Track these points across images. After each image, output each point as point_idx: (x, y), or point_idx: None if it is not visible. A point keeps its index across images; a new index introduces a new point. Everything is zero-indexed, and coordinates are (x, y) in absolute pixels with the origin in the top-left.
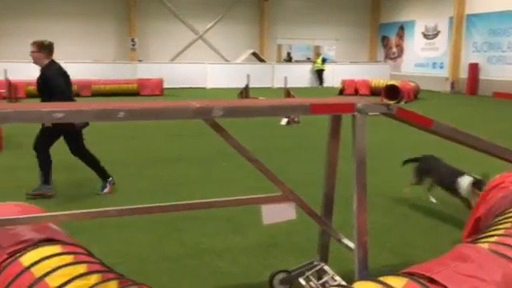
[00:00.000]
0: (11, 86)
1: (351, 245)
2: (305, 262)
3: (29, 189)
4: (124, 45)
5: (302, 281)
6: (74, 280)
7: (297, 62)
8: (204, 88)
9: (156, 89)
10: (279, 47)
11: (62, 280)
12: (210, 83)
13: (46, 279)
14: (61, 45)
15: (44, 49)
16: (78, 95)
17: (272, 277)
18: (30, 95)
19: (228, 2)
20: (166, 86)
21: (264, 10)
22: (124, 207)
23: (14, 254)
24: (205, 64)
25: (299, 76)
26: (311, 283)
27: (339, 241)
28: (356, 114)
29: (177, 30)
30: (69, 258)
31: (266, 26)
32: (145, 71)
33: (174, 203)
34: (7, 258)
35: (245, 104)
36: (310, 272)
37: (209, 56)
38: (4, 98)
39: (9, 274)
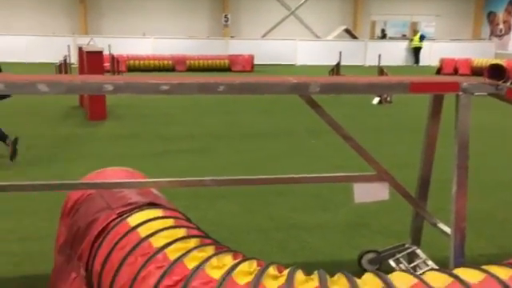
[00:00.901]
0: (114, 60)
1: (447, 230)
2: (395, 244)
3: (130, 156)
4: (217, 21)
5: (391, 262)
6: (175, 242)
7: (391, 39)
8: (294, 65)
9: (247, 65)
10: (373, 23)
11: (164, 241)
12: (300, 60)
13: (151, 239)
14: (158, 21)
15: None
16: (173, 70)
17: (361, 256)
18: (130, 69)
19: None
20: (256, 62)
21: None
22: (218, 178)
23: (122, 215)
24: (295, 40)
25: (393, 54)
26: (401, 265)
27: (434, 225)
28: (460, 93)
29: (269, 6)
30: (170, 222)
31: (360, 2)
32: (236, 47)
33: (266, 177)
34: (116, 218)
35: (342, 81)
36: (400, 254)
37: (299, 32)
38: (108, 71)
39: (117, 232)
